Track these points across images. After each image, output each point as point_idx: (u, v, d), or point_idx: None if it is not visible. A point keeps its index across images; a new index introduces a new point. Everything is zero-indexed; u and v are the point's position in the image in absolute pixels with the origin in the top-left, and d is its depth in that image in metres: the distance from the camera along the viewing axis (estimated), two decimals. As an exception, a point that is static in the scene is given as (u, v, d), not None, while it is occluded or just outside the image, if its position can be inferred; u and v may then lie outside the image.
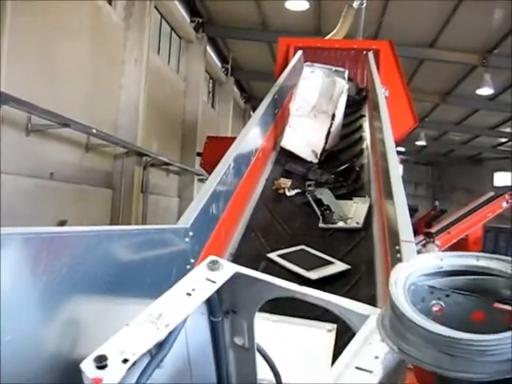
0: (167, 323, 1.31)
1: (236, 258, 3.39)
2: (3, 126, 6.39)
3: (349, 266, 3.31)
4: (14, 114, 6.66)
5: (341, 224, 3.97)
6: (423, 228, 14.32)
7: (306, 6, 12.50)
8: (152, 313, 1.33)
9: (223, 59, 17.96)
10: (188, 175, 14.42)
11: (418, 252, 2.40)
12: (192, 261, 2.46)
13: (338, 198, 4.34)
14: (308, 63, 6.02)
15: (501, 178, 28.81)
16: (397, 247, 2.19)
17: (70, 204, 8.30)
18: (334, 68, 6.09)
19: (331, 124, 5.45)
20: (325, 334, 2.32)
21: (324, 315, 2.33)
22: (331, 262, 3.36)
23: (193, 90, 14.81)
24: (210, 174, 4.45)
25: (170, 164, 12.69)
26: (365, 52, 8.01)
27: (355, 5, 10.22)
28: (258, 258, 3.42)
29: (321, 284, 3.08)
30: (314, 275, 3.18)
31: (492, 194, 15.73)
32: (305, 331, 2.36)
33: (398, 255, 2.11)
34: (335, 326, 2.30)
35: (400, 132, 7.32)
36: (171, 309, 1.35)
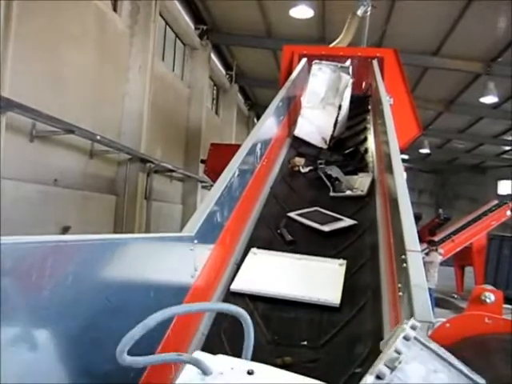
0: None
1: (262, 217, 4.02)
2: (8, 133, 6.40)
3: (356, 222, 3.86)
4: (19, 121, 6.69)
5: (348, 192, 4.62)
6: (427, 236, 14.24)
7: (310, 13, 12.53)
8: None
9: (227, 66, 17.99)
10: (192, 182, 14.42)
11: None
12: (196, 269, 2.44)
13: (345, 174, 4.97)
14: (316, 61, 6.58)
15: (505, 187, 28.75)
16: (403, 257, 2.16)
17: (74, 210, 8.31)
18: (339, 64, 6.67)
19: (338, 114, 6.09)
20: (337, 266, 3.15)
21: (337, 255, 3.32)
22: (341, 219, 3.93)
23: (197, 97, 14.85)
24: (213, 181, 4.50)
25: (174, 171, 12.68)
26: (369, 60, 8.00)
27: (359, 13, 10.26)
28: (280, 216, 4.04)
29: (333, 235, 3.69)
30: (326, 228, 3.74)
31: (496, 202, 15.69)
32: (323, 265, 3.19)
33: (404, 265, 2.09)
34: (345, 261, 3.17)
35: (404, 140, 7.32)
36: None
